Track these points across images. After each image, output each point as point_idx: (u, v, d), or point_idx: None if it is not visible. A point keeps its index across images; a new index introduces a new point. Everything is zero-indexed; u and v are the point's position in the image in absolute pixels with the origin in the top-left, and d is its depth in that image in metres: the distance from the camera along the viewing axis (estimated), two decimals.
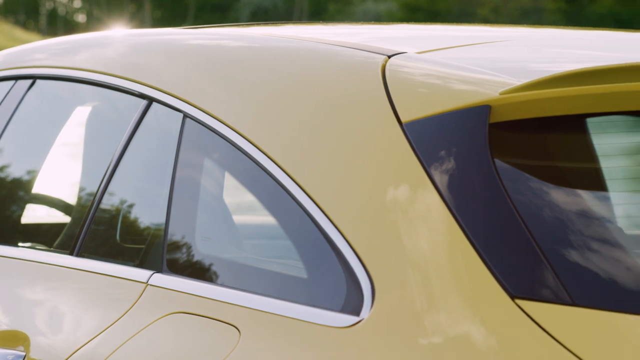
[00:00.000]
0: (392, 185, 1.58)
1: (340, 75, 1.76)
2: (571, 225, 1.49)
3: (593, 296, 1.41)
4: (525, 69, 1.73)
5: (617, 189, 1.61)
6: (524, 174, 1.55)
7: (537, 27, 2.39)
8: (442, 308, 1.46)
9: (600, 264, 1.45)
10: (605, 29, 2.36)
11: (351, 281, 1.55)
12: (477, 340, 1.42)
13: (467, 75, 1.66)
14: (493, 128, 1.56)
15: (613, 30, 2.31)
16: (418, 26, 2.44)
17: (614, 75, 1.56)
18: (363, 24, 2.47)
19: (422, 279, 1.49)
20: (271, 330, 1.60)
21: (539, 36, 2.19)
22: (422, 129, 1.59)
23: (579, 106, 1.58)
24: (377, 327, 1.50)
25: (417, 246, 1.51)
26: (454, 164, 1.55)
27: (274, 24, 2.40)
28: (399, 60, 1.72)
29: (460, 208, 1.51)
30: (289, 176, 1.68)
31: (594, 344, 1.38)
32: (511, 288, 1.43)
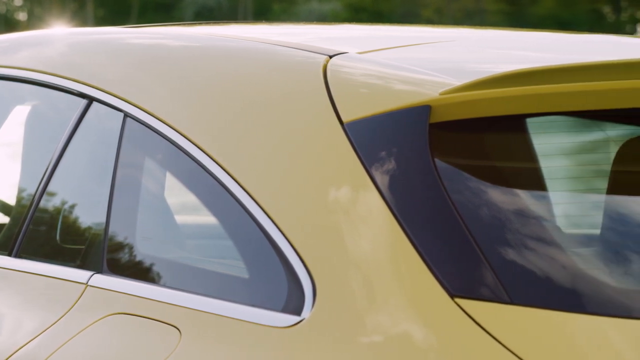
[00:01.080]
0: (334, 185, 1.59)
1: (282, 75, 1.76)
2: (510, 224, 1.51)
3: (530, 294, 1.43)
4: (466, 69, 1.75)
5: (556, 188, 1.63)
6: (464, 173, 1.56)
7: (478, 28, 2.41)
8: (382, 307, 1.46)
9: (538, 262, 1.47)
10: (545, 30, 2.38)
11: (292, 281, 1.56)
12: (417, 338, 1.43)
13: (408, 76, 1.66)
14: (433, 128, 1.57)
15: (553, 32, 2.34)
16: (360, 26, 2.45)
17: (553, 76, 1.58)
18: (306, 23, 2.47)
19: (363, 278, 1.49)
20: (212, 331, 1.60)
21: (480, 37, 2.21)
22: (363, 129, 1.60)
23: (518, 107, 1.59)
24: (318, 326, 1.50)
25: (358, 246, 1.52)
26: (394, 164, 1.55)
27: (217, 24, 2.39)
28: (340, 61, 1.73)
29: (400, 208, 1.52)
30: (231, 176, 1.68)
31: (531, 342, 1.39)
32: (450, 287, 1.45)
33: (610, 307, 1.42)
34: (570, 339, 1.40)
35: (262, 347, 1.54)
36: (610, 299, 1.44)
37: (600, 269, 1.49)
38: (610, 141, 1.71)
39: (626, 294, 1.45)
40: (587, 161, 1.73)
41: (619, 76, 1.58)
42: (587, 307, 1.42)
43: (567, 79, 1.58)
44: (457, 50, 1.97)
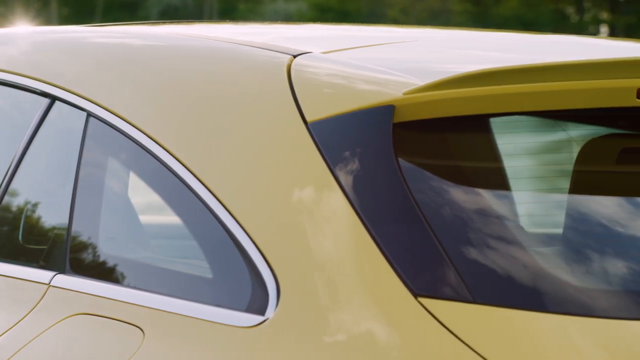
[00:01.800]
0: (298, 184, 1.59)
1: (246, 74, 1.76)
2: (473, 224, 1.52)
3: (493, 294, 1.44)
4: (429, 69, 1.75)
5: (519, 188, 1.64)
6: (428, 173, 1.57)
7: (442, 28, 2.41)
8: (346, 307, 1.47)
9: (501, 262, 1.48)
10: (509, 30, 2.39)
11: (256, 281, 1.55)
12: (380, 338, 1.43)
13: (372, 76, 1.67)
14: (397, 128, 1.57)
15: (516, 32, 2.35)
16: (325, 26, 2.45)
17: (516, 76, 1.59)
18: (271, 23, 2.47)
19: (327, 278, 1.50)
20: (175, 331, 1.59)
21: (444, 37, 2.21)
22: (327, 128, 1.60)
23: (482, 106, 1.60)
24: (282, 326, 1.50)
25: (322, 246, 1.52)
26: (358, 164, 1.56)
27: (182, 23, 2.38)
28: (304, 60, 1.73)
29: (364, 208, 1.52)
30: (195, 176, 1.67)
31: (493, 341, 1.40)
32: (414, 286, 1.45)
33: (571, 306, 1.43)
34: (532, 337, 1.41)
35: (226, 347, 1.54)
36: (571, 298, 1.45)
37: (562, 268, 1.50)
38: (573, 141, 1.72)
39: (587, 293, 1.46)
40: (550, 161, 1.74)
41: (581, 76, 1.59)
42: (549, 306, 1.43)
43: (530, 79, 1.58)
44: (421, 50, 1.97)
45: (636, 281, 1.50)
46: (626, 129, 1.72)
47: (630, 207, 1.61)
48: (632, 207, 1.62)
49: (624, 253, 1.55)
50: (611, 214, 1.60)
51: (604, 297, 1.46)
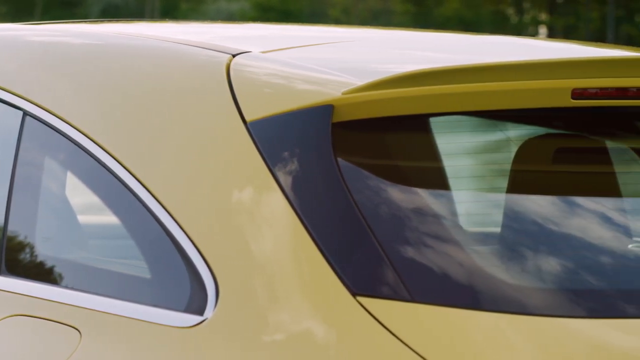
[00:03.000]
0: (237, 184, 1.58)
1: (185, 74, 1.75)
2: (412, 223, 1.52)
3: (431, 292, 1.45)
4: (368, 69, 1.76)
5: (458, 187, 1.65)
6: (367, 173, 1.57)
7: (382, 29, 2.42)
8: (285, 306, 1.47)
9: (439, 261, 1.49)
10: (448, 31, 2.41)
11: (195, 281, 1.55)
12: (319, 336, 1.44)
13: (311, 75, 1.67)
14: (336, 127, 1.58)
15: (456, 33, 2.37)
16: (266, 25, 2.45)
17: (454, 76, 1.60)
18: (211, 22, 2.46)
19: (266, 278, 1.49)
20: (113, 332, 1.58)
21: (383, 37, 2.22)
22: (266, 128, 1.60)
23: (420, 106, 1.61)
24: (220, 326, 1.50)
25: (261, 246, 1.52)
26: (297, 163, 1.56)
27: (122, 21, 2.37)
28: (243, 60, 1.72)
29: (303, 207, 1.52)
30: (134, 176, 1.66)
31: (431, 339, 1.41)
32: (352, 286, 1.45)
33: (506, 304, 1.45)
34: (468, 335, 1.42)
35: (164, 348, 1.53)
36: (507, 296, 1.46)
37: (498, 266, 1.52)
38: (511, 141, 1.74)
39: (522, 291, 1.48)
40: (488, 161, 1.76)
41: (518, 77, 1.61)
42: (485, 304, 1.44)
43: (467, 79, 1.60)
44: (360, 50, 1.98)
45: (570, 279, 1.52)
46: (562, 129, 1.75)
47: (565, 206, 1.64)
48: (567, 206, 1.64)
49: (559, 251, 1.57)
50: (547, 213, 1.62)
51: (539, 295, 1.47)
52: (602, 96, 1.63)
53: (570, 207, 1.63)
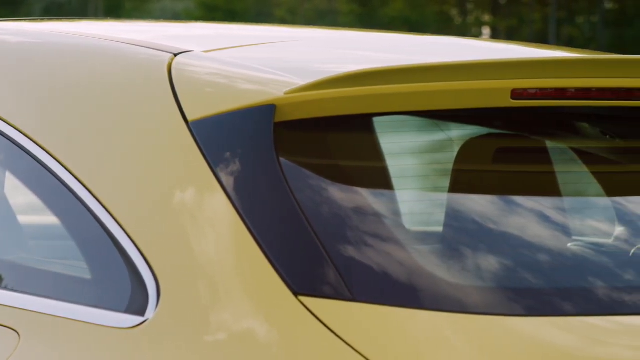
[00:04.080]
0: (179, 184, 1.58)
1: (126, 73, 1.74)
2: (354, 223, 1.53)
3: (372, 292, 1.45)
4: (311, 69, 1.76)
5: (400, 187, 1.66)
6: (310, 173, 1.57)
7: (326, 29, 2.43)
8: (227, 307, 1.47)
9: (380, 260, 1.50)
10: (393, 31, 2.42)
11: (136, 282, 1.54)
12: (261, 336, 1.44)
13: (253, 75, 1.67)
14: (278, 127, 1.58)
15: (399, 33, 2.38)
16: (209, 25, 2.44)
17: (396, 76, 1.60)
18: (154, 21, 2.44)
19: (208, 278, 1.49)
20: (53, 333, 1.57)
21: (327, 37, 2.23)
22: (208, 128, 1.59)
23: (362, 106, 1.61)
24: (162, 326, 1.49)
25: (203, 246, 1.52)
26: (239, 163, 1.55)
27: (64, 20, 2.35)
28: (185, 59, 1.72)
29: (246, 207, 1.52)
30: (74, 176, 1.65)
31: (371, 338, 1.42)
32: (294, 285, 1.46)
33: (447, 303, 1.46)
34: (408, 334, 1.43)
35: (105, 349, 1.52)
36: (447, 295, 1.47)
37: (439, 265, 1.53)
38: (452, 141, 1.75)
39: (462, 290, 1.49)
40: (431, 160, 1.77)
41: (459, 77, 1.62)
42: (426, 304, 1.45)
43: (409, 79, 1.60)
44: (303, 50, 1.98)
45: (509, 277, 1.54)
46: (502, 129, 1.76)
47: (505, 205, 1.65)
48: (508, 205, 1.65)
49: (499, 250, 1.58)
50: (487, 212, 1.63)
51: (479, 294, 1.48)
52: (541, 97, 1.64)
53: (511, 206, 1.65)
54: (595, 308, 1.49)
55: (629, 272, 1.59)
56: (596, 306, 1.50)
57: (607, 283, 1.54)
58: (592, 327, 1.47)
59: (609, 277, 1.56)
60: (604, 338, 1.47)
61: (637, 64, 1.67)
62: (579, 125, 1.82)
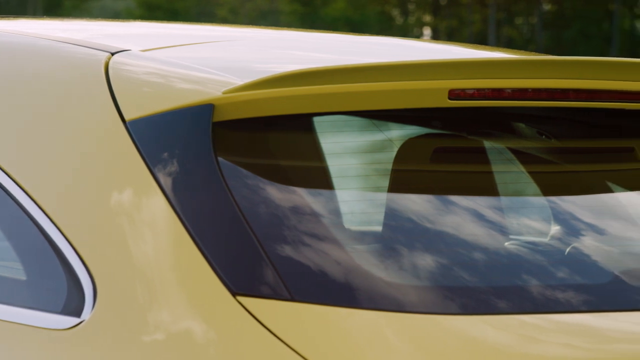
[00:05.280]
0: (117, 184, 1.56)
1: (62, 72, 1.72)
2: (293, 223, 1.53)
3: (311, 291, 1.45)
4: (250, 68, 1.76)
5: (340, 187, 1.66)
6: (248, 173, 1.57)
7: (266, 28, 2.42)
8: (164, 307, 1.46)
9: (319, 260, 1.50)
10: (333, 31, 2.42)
11: (72, 283, 1.53)
12: (198, 336, 1.43)
13: (191, 74, 1.66)
14: (217, 127, 1.57)
15: (340, 33, 2.38)
16: (148, 24, 2.42)
17: (335, 76, 1.60)
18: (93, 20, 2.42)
19: (146, 279, 1.48)
20: None
21: (266, 37, 2.22)
22: (146, 127, 1.58)
23: (301, 106, 1.61)
24: (98, 327, 1.48)
25: (141, 246, 1.51)
26: (177, 163, 1.55)
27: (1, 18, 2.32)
28: (122, 58, 1.70)
29: (184, 208, 1.51)
30: (9, 176, 1.63)
31: (310, 338, 1.42)
32: (233, 285, 1.45)
33: (384, 302, 1.46)
34: (347, 333, 1.43)
35: (41, 350, 1.50)
36: (385, 294, 1.47)
37: (377, 265, 1.53)
38: (392, 141, 1.76)
39: (400, 289, 1.49)
40: (370, 160, 1.77)
41: (397, 78, 1.62)
42: (363, 303, 1.46)
43: (348, 79, 1.61)
44: (242, 50, 1.97)
45: (446, 276, 1.55)
46: (441, 129, 1.77)
47: (444, 205, 1.66)
48: (446, 205, 1.66)
49: (437, 250, 1.59)
50: (426, 212, 1.64)
51: (416, 293, 1.49)
52: (478, 97, 1.65)
53: (449, 206, 1.66)
54: (530, 306, 1.51)
55: (564, 271, 1.61)
56: (531, 304, 1.51)
57: (542, 281, 1.56)
58: (526, 325, 1.48)
59: (544, 276, 1.58)
60: (537, 336, 1.48)
61: (571, 65, 1.69)
62: (515, 126, 1.84)
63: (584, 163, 1.82)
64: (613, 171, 1.83)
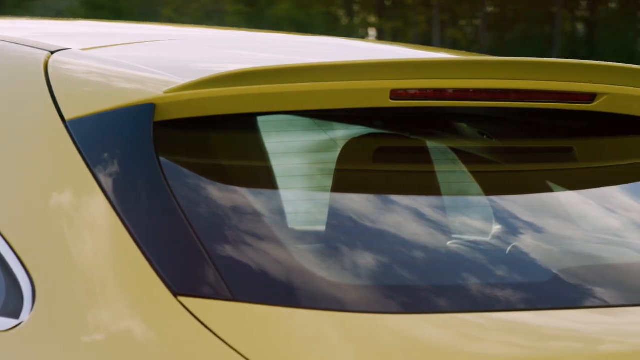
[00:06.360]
0: (58, 184, 1.55)
1: (1, 71, 1.70)
2: (234, 223, 1.52)
3: (252, 291, 1.45)
4: (192, 68, 1.75)
5: (283, 186, 1.66)
6: (190, 172, 1.56)
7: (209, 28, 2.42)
8: (105, 308, 1.45)
9: (260, 260, 1.49)
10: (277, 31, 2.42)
11: (11, 284, 1.51)
12: (139, 337, 1.42)
13: (132, 73, 1.65)
14: (158, 127, 1.56)
15: (284, 33, 2.38)
16: (89, 23, 2.40)
17: (277, 76, 1.60)
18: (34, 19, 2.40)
19: (86, 280, 1.47)
20: None
21: (210, 36, 2.22)
22: (86, 127, 1.57)
23: (243, 106, 1.61)
24: (37, 329, 1.46)
25: (81, 247, 1.49)
26: (118, 163, 1.53)
27: None
28: (62, 57, 1.69)
29: (125, 208, 1.50)
30: None
31: (251, 338, 1.41)
32: (174, 286, 1.44)
33: (325, 301, 1.46)
34: (288, 333, 1.43)
35: None
36: (326, 294, 1.48)
37: (319, 264, 1.53)
38: (335, 141, 1.76)
39: (341, 289, 1.49)
40: (314, 160, 1.77)
41: (340, 78, 1.63)
42: (305, 302, 1.46)
43: (290, 79, 1.60)
44: (185, 49, 1.97)
45: (387, 276, 1.55)
46: (384, 129, 1.78)
47: (386, 204, 1.67)
48: (389, 204, 1.67)
49: (379, 249, 1.59)
50: (368, 211, 1.65)
51: (357, 292, 1.49)
52: (420, 97, 1.66)
53: (391, 205, 1.67)
54: (470, 305, 1.52)
55: (504, 270, 1.62)
56: (471, 303, 1.52)
57: (483, 280, 1.57)
58: (466, 324, 1.49)
59: (485, 275, 1.59)
60: (477, 334, 1.49)
61: (512, 65, 1.70)
62: (457, 126, 1.85)
63: (524, 163, 1.84)
64: (553, 171, 1.85)
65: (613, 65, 1.77)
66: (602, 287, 1.60)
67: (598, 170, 1.87)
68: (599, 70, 1.76)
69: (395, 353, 1.42)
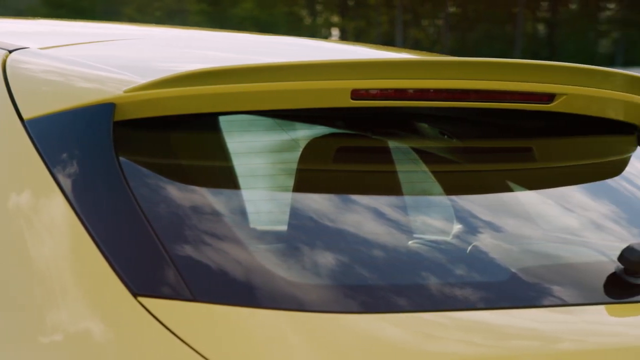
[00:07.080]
0: (15, 184, 1.54)
1: None
2: (195, 223, 1.52)
3: (212, 291, 1.45)
4: (152, 67, 1.74)
5: (244, 186, 1.65)
6: (150, 172, 1.56)
7: (170, 27, 2.41)
8: (64, 308, 1.44)
9: (221, 260, 1.49)
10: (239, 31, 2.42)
11: None
12: (98, 337, 1.42)
13: (91, 73, 1.64)
14: (118, 126, 1.55)
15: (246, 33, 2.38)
16: (49, 21, 2.39)
17: (238, 76, 1.60)
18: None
19: (45, 280, 1.46)
20: None
21: (171, 36, 2.21)
22: (44, 126, 1.56)
23: (203, 105, 1.60)
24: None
25: (39, 247, 1.48)
26: (77, 163, 1.52)
27: None
28: (21, 56, 1.68)
29: (84, 208, 1.49)
30: None
31: (212, 338, 1.41)
32: (134, 286, 1.44)
33: (285, 301, 1.46)
34: (248, 333, 1.43)
35: None
36: (286, 294, 1.47)
37: (279, 264, 1.53)
38: (297, 141, 1.76)
39: (301, 288, 1.49)
40: (275, 160, 1.77)
41: (301, 78, 1.62)
42: (265, 302, 1.45)
43: (251, 79, 1.60)
44: (144, 49, 1.96)
45: (347, 275, 1.55)
46: (345, 128, 1.78)
47: (347, 204, 1.67)
48: (350, 204, 1.67)
49: (339, 249, 1.59)
50: (329, 211, 1.65)
51: (317, 292, 1.49)
52: (381, 97, 1.66)
53: (352, 205, 1.67)
54: (430, 304, 1.52)
55: (463, 269, 1.63)
56: (431, 302, 1.53)
57: (442, 279, 1.58)
58: (426, 323, 1.50)
59: (445, 274, 1.60)
60: (437, 333, 1.50)
61: (472, 66, 1.71)
62: (418, 125, 1.86)
63: (484, 163, 1.85)
64: (513, 170, 1.86)
65: (572, 66, 1.79)
66: (561, 286, 1.61)
67: (557, 170, 1.89)
68: (558, 70, 1.78)
69: (356, 352, 1.42)
